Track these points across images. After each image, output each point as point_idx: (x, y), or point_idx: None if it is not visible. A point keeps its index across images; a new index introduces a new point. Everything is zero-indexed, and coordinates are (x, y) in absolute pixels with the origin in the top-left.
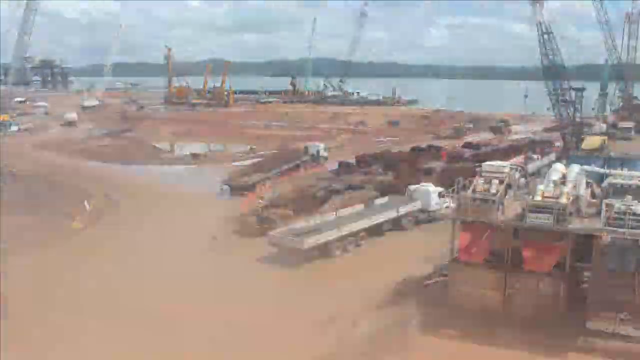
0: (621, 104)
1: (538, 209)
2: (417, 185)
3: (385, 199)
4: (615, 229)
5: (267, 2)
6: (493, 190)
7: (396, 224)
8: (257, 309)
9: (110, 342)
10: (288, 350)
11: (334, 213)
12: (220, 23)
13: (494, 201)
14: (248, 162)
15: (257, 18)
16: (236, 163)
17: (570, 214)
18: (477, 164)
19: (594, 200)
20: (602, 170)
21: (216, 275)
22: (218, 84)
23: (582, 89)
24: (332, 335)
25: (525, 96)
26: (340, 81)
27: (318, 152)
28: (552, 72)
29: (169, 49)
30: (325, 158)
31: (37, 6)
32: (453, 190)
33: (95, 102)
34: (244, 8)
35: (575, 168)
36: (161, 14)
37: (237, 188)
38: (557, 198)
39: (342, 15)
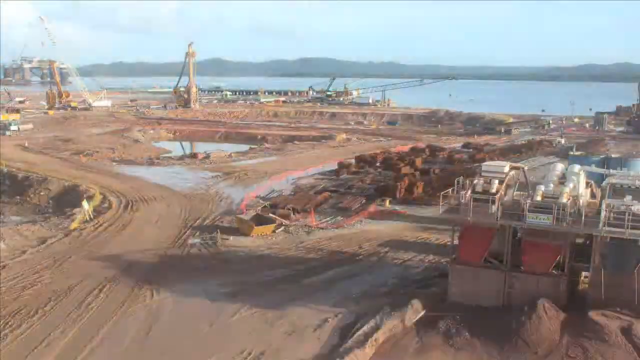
0: None
1: (538, 209)
2: None
3: None
4: (615, 229)
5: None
6: (493, 190)
7: None
8: None
9: None
10: None
11: None
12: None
13: (493, 201)
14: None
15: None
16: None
17: (570, 214)
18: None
19: (593, 200)
20: (602, 170)
21: None
22: (218, 84)
23: None
24: None
25: None
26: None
27: None
28: None
29: (190, 45)
30: None
31: None
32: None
33: (105, 102)
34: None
35: (575, 168)
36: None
37: None
38: (557, 198)
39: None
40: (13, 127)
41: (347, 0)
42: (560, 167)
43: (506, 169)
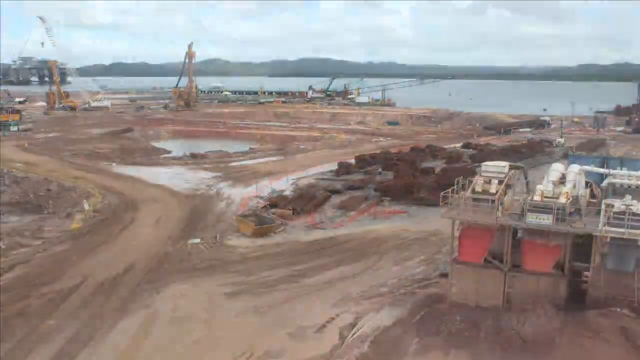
0: None
1: (537, 209)
2: None
3: None
4: (614, 229)
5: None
6: (493, 190)
7: None
8: None
9: None
10: None
11: None
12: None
13: (493, 201)
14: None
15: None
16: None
17: (570, 214)
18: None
19: (593, 200)
20: (601, 170)
21: None
22: (218, 84)
23: None
24: None
25: None
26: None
27: None
28: None
29: (190, 46)
30: None
31: None
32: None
33: (105, 103)
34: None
35: (575, 168)
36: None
37: None
38: (557, 198)
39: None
40: (13, 128)
41: (348, 0)
42: (560, 167)
43: (506, 169)
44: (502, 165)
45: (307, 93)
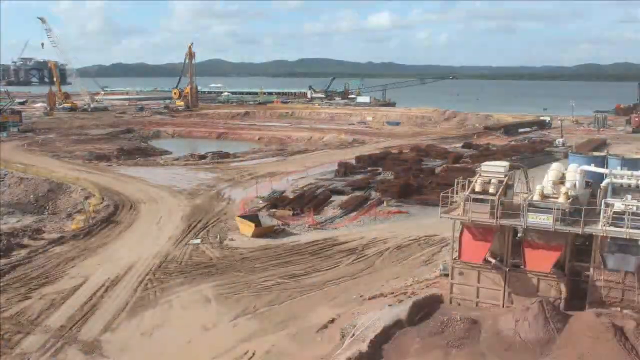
0: None
1: (538, 209)
2: None
3: None
4: (615, 229)
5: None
6: (492, 190)
7: None
8: None
9: None
10: None
11: None
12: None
13: (493, 201)
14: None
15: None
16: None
17: (570, 214)
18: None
19: (593, 200)
20: (601, 170)
21: None
22: (218, 85)
23: None
24: None
25: None
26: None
27: None
28: None
29: (190, 46)
30: None
31: None
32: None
33: (107, 104)
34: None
35: (575, 168)
36: None
37: None
38: (557, 198)
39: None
40: (13, 129)
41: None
42: (560, 167)
43: (506, 169)
44: (502, 165)
45: (307, 93)
